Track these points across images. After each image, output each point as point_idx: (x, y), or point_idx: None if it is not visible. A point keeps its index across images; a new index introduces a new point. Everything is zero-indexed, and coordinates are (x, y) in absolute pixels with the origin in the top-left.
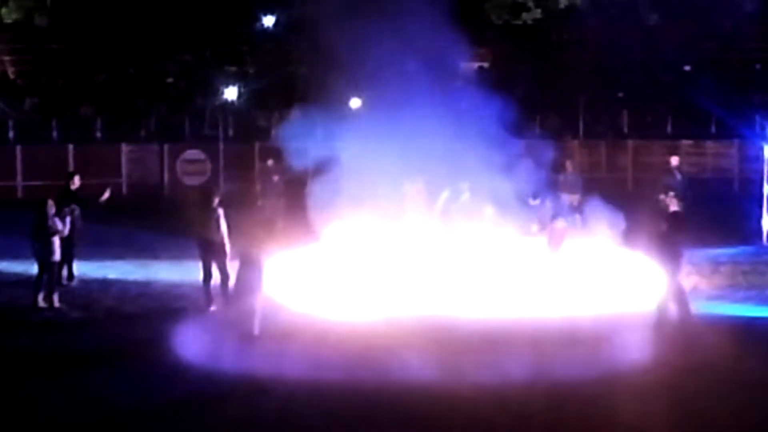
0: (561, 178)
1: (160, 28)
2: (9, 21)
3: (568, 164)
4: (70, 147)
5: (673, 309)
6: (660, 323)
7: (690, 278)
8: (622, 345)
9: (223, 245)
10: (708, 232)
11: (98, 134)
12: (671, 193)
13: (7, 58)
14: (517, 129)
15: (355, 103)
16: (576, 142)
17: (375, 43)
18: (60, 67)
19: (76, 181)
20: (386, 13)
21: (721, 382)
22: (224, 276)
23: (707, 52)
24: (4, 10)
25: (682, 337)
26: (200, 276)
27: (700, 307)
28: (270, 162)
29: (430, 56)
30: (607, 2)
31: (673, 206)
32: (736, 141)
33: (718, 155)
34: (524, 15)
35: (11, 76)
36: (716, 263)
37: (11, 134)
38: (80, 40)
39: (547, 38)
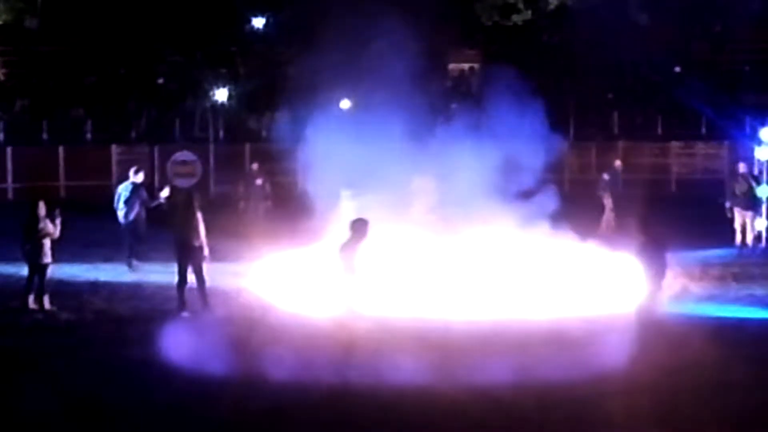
0: (606, 176)
1: (151, 29)
2: None
3: (618, 164)
4: (61, 149)
5: (653, 312)
6: (642, 326)
7: (679, 280)
8: (611, 346)
9: (201, 248)
10: (698, 234)
11: (88, 136)
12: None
13: None
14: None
15: (344, 104)
16: (566, 144)
17: (365, 44)
18: (50, 68)
19: (141, 176)
20: (376, 14)
21: (711, 384)
22: (200, 279)
23: (697, 53)
24: None
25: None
26: (175, 279)
27: (690, 309)
28: (254, 165)
29: (420, 57)
30: (597, 3)
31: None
32: (727, 142)
33: (709, 156)
34: (514, 16)
35: (1, 78)
36: (706, 264)
37: (1, 136)
38: (70, 41)
39: (538, 39)
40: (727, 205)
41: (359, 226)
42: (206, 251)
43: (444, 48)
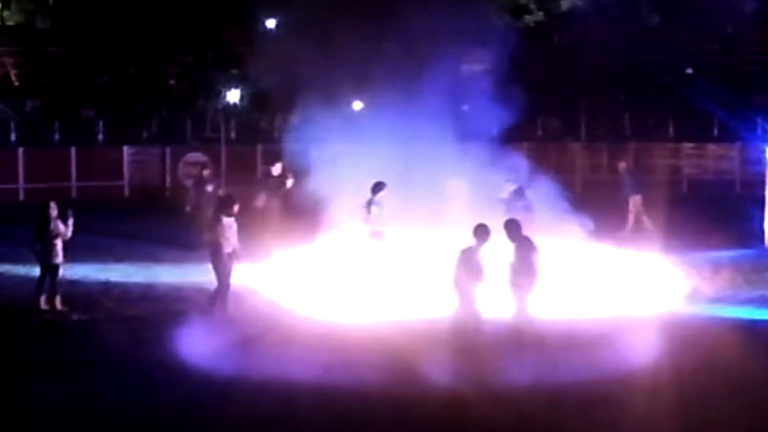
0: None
1: (162, 29)
2: (11, 23)
3: (620, 165)
4: (72, 149)
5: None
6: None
7: (691, 280)
8: (624, 347)
9: (231, 254)
10: (709, 235)
11: (100, 136)
12: None
13: (8, 60)
14: (519, 131)
15: (357, 105)
16: (577, 145)
17: (376, 45)
18: (61, 69)
19: (275, 168)
20: (388, 15)
21: (723, 385)
22: (221, 284)
23: (708, 54)
24: (5, 12)
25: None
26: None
27: (702, 310)
28: (206, 171)
29: (432, 59)
30: (608, 5)
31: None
32: (738, 143)
33: (720, 158)
34: (526, 17)
35: (13, 79)
36: (717, 265)
37: (13, 136)
38: (82, 42)
39: (549, 41)
40: None
41: (482, 231)
42: (224, 256)
43: (456, 49)
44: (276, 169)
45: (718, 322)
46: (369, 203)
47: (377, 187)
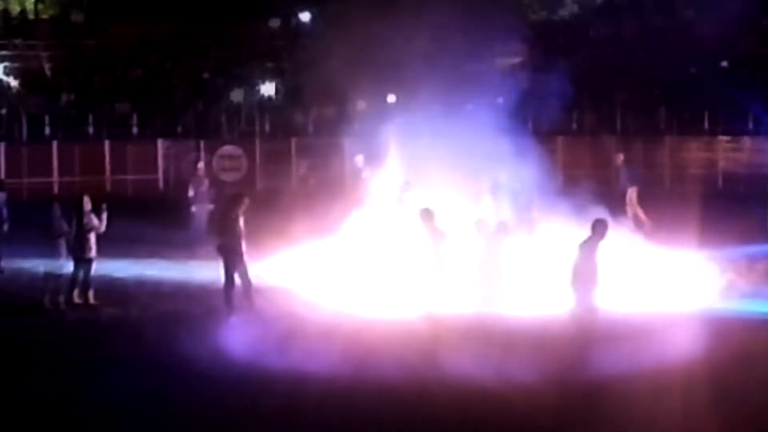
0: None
1: (196, 23)
2: (45, 17)
3: (617, 158)
4: (106, 143)
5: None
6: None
7: (726, 275)
8: (659, 342)
9: (240, 250)
10: (744, 229)
11: (134, 130)
12: None
13: (43, 54)
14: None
15: (391, 98)
16: (613, 139)
17: (411, 39)
18: (96, 62)
19: (360, 160)
20: (422, 8)
21: (759, 379)
22: (246, 282)
23: (744, 47)
24: (40, 6)
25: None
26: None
27: (737, 305)
28: (200, 164)
29: (467, 52)
30: None
31: None
32: None
33: (755, 151)
34: (561, 11)
35: (47, 72)
36: (752, 260)
37: (47, 130)
38: (116, 35)
39: (584, 34)
40: None
41: (600, 226)
42: (239, 252)
43: (491, 42)
44: (359, 161)
45: (754, 316)
46: (399, 200)
47: (404, 186)
